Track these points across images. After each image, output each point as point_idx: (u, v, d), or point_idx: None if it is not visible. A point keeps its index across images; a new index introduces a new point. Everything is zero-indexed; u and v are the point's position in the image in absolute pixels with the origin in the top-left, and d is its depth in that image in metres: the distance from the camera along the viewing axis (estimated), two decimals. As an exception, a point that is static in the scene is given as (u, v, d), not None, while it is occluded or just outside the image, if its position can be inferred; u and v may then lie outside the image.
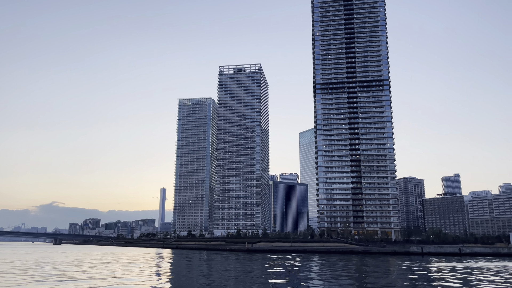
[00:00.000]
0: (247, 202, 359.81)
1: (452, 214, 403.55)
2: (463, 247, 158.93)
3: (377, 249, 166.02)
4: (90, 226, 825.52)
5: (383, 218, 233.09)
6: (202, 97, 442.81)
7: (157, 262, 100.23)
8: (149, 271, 64.82)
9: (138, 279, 52.60)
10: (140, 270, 67.35)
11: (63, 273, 61.19)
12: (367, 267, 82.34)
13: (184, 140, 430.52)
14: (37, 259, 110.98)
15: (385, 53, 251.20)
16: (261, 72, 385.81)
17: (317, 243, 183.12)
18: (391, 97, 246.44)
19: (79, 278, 53.31)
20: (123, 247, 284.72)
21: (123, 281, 49.79)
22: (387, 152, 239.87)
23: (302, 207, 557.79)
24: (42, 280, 50.34)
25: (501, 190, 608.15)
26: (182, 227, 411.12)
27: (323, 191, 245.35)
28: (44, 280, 49.85)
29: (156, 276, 57.61)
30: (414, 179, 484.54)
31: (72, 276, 56.05)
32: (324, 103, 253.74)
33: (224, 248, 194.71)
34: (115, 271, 63.67)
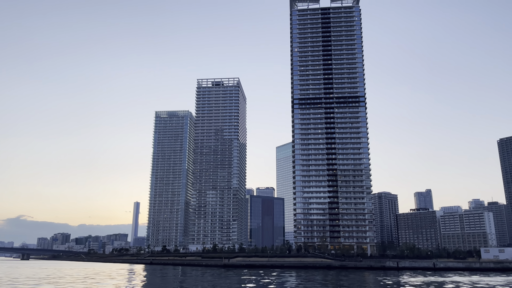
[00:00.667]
0: (224, 216, 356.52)
1: (425, 229, 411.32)
2: (437, 262, 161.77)
3: (353, 264, 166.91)
4: (60, 241, 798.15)
5: (359, 233, 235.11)
6: (179, 110, 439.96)
7: (131, 278, 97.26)
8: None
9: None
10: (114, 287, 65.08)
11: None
12: (344, 282, 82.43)
13: (160, 153, 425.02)
14: (5, 274, 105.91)
15: (361, 71, 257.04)
16: (239, 86, 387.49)
17: (294, 258, 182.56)
18: (367, 113, 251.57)
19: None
20: (95, 263, 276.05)
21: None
22: (363, 167, 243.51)
23: (278, 221, 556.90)
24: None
25: (471, 206, 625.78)
26: (156, 242, 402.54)
27: (300, 205, 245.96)
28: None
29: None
30: (388, 194, 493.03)
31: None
32: (302, 118, 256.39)
33: (200, 264, 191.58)
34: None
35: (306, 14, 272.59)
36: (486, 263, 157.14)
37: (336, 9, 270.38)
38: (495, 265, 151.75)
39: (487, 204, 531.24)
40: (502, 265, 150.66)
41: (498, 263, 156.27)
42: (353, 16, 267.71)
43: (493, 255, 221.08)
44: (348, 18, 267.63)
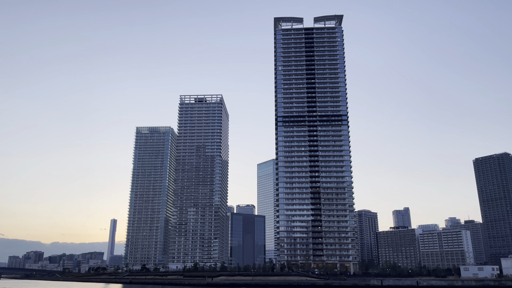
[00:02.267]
0: (205, 234, 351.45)
1: (405, 247, 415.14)
2: (420, 280, 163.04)
3: (338, 282, 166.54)
4: (33, 259, 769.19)
5: (342, 251, 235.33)
6: (160, 126, 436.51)
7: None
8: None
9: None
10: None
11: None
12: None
13: (140, 169, 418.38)
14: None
15: (344, 90, 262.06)
16: (223, 102, 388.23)
17: (278, 276, 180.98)
18: (349, 131, 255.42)
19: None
20: (71, 282, 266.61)
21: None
22: (345, 185, 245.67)
23: (259, 239, 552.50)
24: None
25: (447, 224, 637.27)
26: (135, 260, 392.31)
27: (283, 223, 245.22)
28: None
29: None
30: (368, 212, 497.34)
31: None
32: (286, 136, 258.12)
33: (183, 283, 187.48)
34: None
35: (290, 34, 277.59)
36: (468, 281, 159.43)
37: (319, 30, 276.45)
38: (477, 283, 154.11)
39: (464, 223, 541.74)
40: (483, 283, 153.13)
41: (479, 281, 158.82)
42: (336, 36, 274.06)
43: (473, 273, 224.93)
44: (331, 39, 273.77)
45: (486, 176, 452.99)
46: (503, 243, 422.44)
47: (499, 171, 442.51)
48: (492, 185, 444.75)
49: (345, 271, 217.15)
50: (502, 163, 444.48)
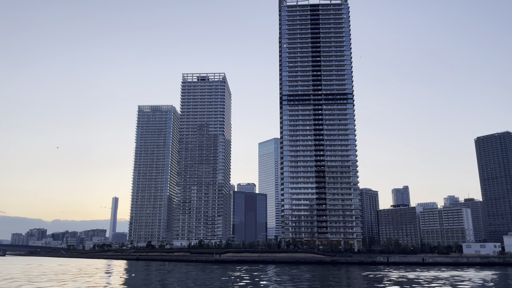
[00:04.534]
0: (208, 212, 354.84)
1: (405, 225, 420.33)
2: (425, 257, 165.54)
3: (344, 259, 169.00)
4: (36, 237, 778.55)
5: (346, 229, 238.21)
6: (162, 105, 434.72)
7: (130, 273, 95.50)
8: (131, 284, 61.47)
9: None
10: (119, 284, 63.74)
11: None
12: (348, 278, 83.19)
13: (143, 148, 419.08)
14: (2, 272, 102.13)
15: (350, 68, 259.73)
16: (225, 81, 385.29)
17: (285, 253, 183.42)
18: (354, 110, 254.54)
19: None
20: (77, 259, 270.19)
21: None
22: (350, 164, 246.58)
23: (261, 217, 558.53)
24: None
25: (447, 202, 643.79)
26: (139, 237, 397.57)
27: (288, 201, 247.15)
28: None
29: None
30: (369, 191, 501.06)
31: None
32: (290, 115, 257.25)
33: (190, 259, 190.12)
34: (96, 285, 59.80)
35: (295, 10, 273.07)
36: (473, 258, 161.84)
37: (325, 6, 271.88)
38: (481, 259, 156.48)
39: (463, 201, 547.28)
40: (488, 260, 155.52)
41: (484, 258, 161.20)
42: (342, 13, 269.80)
43: (475, 250, 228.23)
44: (337, 15, 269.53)
45: (487, 155, 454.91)
46: (503, 221, 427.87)
47: (500, 149, 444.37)
48: (493, 163, 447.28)
49: (349, 248, 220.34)
50: (504, 141, 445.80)
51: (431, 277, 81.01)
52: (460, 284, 63.79)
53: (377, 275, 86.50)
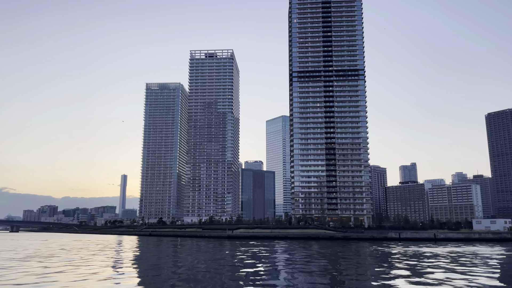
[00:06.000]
0: (218, 189, 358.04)
1: (413, 201, 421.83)
2: (437, 233, 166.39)
3: (356, 235, 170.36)
4: (48, 213, 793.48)
5: (356, 205, 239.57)
6: (170, 82, 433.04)
7: (150, 247, 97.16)
8: (158, 259, 62.60)
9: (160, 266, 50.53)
10: (143, 260, 64.88)
11: (92, 258, 57.68)
12: (366, 252, 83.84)
13: (152, 126, 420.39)
14: (29, 246, 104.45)
15: (361, 43, 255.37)
16: (233, 58, 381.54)
17: (296, 229, 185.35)
18: (365, 86, 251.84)
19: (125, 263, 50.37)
20: (91, 235, 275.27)
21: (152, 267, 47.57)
22: (361, 141, 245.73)
23: (269, 194, 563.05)
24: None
25: (455, 179, 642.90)
26: (149, 214, 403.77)
27: (298, 178, 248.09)
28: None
29: (172, 265, 55.50)
30: (378, 168, 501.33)
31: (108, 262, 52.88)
32: (301, 91, 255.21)
33: (203, 235, 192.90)
34: (125, 258, 61.07)
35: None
36: (485, 233, 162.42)
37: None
38: (493, 235, 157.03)
39: (472, 177, 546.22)
40: (500, 236, 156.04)
41: (496, 233, 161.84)
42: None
43: (485, 226, 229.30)
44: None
45: (498, 131, 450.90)
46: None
47: (511, 125, 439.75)
48: (503, 139, 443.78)
49: (360, 224, 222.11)
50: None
51: (452, 252, 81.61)
52: (489, 260, 64.16)
53: (395, 250, 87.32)
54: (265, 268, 48.88)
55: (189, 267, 50.85)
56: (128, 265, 53.59)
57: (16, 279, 37.59)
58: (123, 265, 53.51)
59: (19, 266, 50.57)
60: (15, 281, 36.23)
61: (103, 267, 49.92)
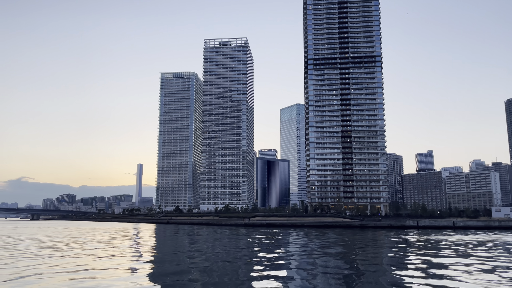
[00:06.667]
0: (233, 177, 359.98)
1: (430, 189, 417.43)
2: (456, 221, 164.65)
3: (373, 223, 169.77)
4: (66, 202, 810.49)
5: (373, 193, 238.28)
6: (184, 71, 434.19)
7: (172, 234, 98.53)
8: (183, 245, 63.53)
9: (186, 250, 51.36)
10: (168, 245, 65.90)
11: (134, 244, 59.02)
12: (385, 240, 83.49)
13: (167, 115, 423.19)
14: (56, 234, 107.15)
15: (378, 29, 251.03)
16: (247, 46, 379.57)
17: (313, 217, 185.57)
18: (382, 73, 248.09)
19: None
20: (110, 222, 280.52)
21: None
22: (378, 128, 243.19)
23: (284, 182, 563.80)
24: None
25: (472, 166, 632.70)
26: (166, 202, 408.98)
27: (314, 166, 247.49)
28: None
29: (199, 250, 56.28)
30: (394, 155, 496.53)
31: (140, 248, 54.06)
32: (316, 79, 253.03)
33: (220, 223, 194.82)
34: (148, 245, 62.22)
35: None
36: (505, 221, 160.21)
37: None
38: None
39: (491, 165, 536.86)
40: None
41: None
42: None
43: (504, 213, 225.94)
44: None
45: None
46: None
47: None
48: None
49: (376, 213, 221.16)
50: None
51: (474, 240, 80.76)
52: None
53: (415, 239, 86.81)
54: (285, 255, 49.17)
55: (210, 255, 51.46)
56: (152, 251, 54.53)
57: (58, 265, 38.56)
58: (147, 251, 54.48)
59: (55, 254, 51.85)
60: (51, 269, 37.19)
61: (131, 254, 50.89)
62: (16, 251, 53.99)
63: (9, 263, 40.49)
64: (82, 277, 31.91)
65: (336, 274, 34.39)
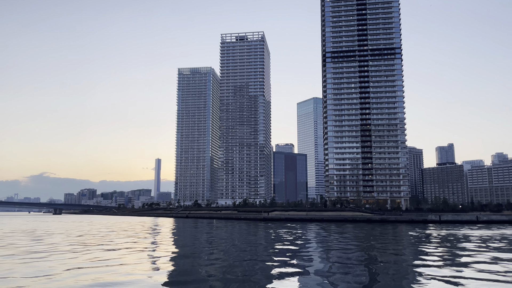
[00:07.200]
0: (251, 172, 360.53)
1: (451, 183, 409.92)
2: (479, 215, 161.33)
3: (394, 217, 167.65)
4: (87, 196, 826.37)
5: (393, 187, 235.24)
6: (201, 67, 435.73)
7: (196, 228, 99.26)
8: (210, 238, 63.82)
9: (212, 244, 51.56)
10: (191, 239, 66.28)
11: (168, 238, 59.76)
12: (409, 235, 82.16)
13: (185, 110, 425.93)
14: (92, 228, 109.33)
15: (398, 20, 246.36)
16: (264, 40, 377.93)
17: (332, 212, 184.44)
18: (402, 65, 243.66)
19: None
20: (130, 217, 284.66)
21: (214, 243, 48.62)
22: (398, 122, 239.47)
23: (301, 177, 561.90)
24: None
25: (494, 159, 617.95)
26: (184, 197, 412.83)
27: (332, 160, 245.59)
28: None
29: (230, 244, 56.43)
30: (414, 149, 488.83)
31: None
32: (334, 72, 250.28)
33: (239, 217, 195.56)
34: (171, 238, 62.73)
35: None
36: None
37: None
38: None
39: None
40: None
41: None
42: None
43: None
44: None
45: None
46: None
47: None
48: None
49: (397, 207, 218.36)
50: None
51: (502, 234, 78.81)
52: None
53: (441, 233, 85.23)
54: (306, 249, 48.80)
55: (233, 249, 51.43)
56: (175, 244, 54.90)
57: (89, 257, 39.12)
58: (169, 245, 54.88)
59: (84, 247, 52.68)
60: (78, 263, 37.70)
61: (154, 248, 51.34)
62: (52, 245, 55.05)
63: (42, 257, 41.26)
64: (116, 270, 32.23)
65: (362, 269, 33.88)
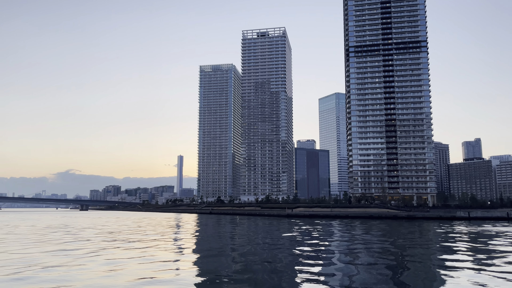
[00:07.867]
0: (273, 168, 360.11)
1: (479, 179, 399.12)
2: (510, 212, 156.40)
3: (421, 214, 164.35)
4: (112, 193, 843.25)
5: (419, 183, 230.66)
6: (223, 64, 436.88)
7: (221, 223, 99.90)
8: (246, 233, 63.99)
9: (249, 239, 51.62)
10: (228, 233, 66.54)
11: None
12: (448, 233, 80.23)
13: (206, 107, 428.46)
14: (125, 224, 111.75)
15: (423, 13, 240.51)
16: (286, 36, 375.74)
17: (357, 208, 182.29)
18: (428, 59, 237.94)
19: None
20: (155, 213, 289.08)
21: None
22: (424, 116, 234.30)
23: (323, 173, 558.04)
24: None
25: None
26: (207, 193, 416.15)
27: (356, 156, 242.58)
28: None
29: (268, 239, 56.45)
30: (439, 144, 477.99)
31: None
32: (358, 67, 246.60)
33: (263, 214, 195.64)
34: (196, 234, 63.21)
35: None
36: None
37: None
38: None
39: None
40: None
41: None
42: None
43: None
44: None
45: None
46: None
47: None
48: None
49: (423, 203, 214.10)
50: None
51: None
52: None
53: (472, 230, 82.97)
54: (333, 246, 48.24)
55: (261, 247, 51.30)
56: (200, 240, 55.24)
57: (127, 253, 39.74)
58: (195, 240, 55.25)
59: (118, 243, 53.59)
60: (111, 260, 38.27)
61: (181, 243, 51.78)
62: (91, 242, 56.26)
63: (73, 249, 42.13)
64: (153, 267, 32.58)
65: (393, 266, 33.18)
